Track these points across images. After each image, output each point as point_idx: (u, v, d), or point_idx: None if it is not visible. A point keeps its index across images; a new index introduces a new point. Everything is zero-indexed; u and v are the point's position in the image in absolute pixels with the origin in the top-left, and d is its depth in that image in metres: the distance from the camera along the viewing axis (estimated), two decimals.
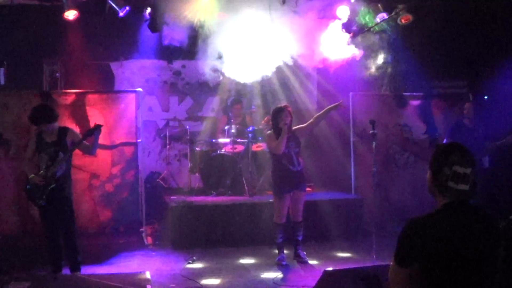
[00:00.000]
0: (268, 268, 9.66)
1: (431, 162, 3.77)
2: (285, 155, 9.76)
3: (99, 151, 10.49)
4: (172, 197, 12.17)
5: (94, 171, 11.42)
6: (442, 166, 3.67)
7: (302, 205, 9.98)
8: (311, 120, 10.29)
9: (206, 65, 13.29)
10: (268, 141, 10.05)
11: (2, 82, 12.68)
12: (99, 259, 10.08)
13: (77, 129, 10.37)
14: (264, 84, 14.53)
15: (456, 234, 3.48)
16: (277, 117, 9.83)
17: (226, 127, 13.03)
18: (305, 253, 10.07)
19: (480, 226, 3.57)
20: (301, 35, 12.98)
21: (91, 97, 11.57)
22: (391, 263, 3.67)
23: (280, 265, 9.73)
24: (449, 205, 3.64)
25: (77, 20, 11.85)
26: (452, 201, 3.63)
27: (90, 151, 8.80)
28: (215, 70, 13.23)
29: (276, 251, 10.02)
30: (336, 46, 12.79)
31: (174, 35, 12.90)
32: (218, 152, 12.75)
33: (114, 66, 14.19)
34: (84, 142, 8.59)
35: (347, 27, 13.00)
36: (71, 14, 11.66)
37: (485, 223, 3.59)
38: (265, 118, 13.16)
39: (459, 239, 3.48)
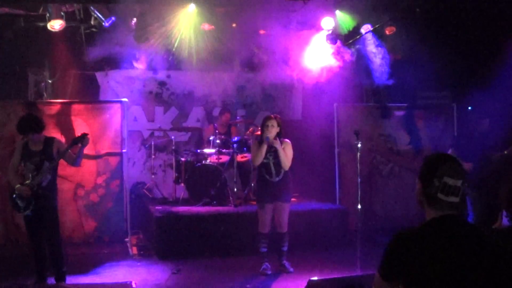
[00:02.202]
0: (253, 278, 9.66)
1: (421, 173, 3.64)
2: (263, 165, 9.74)
3: (84, 161, 10.49)
4: (157, 207, 12.13)
5: (79, 181, 11.41)
6: (432, 177, 3.53)
7: (286, 216, 9.91)
8: None
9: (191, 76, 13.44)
10: (251, 150, 10.09)
11: None
12: (84, 269, 10.05)
13: (62, 139, 10.36)
14: (249, 94, 14.61)
15: (445, 251, 3.36)
16: (262, 126, 9.81)
17: (211, 138, 13.05)
18: (290, 263, 10.05)
19: (472, 244, 3.42)
20: (286, 46, 13.09)
21: (76, 107, 11.57)
22: (376, 275, 3.59)
23: (265, 275, 9.73)
24: (439, 219, 3.49)
25: (62, 30, 11.89)
26: (442, 215, 3.50)
27: (74, 162, 8.77)
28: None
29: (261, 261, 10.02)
30: (320, 57, 12.88)
31: (159, 46, 13.00)
32: (203, 162, 12.77)
33: (99, 75, 14.19)
34: (70, 152, 8.59)
35: (331, 38, 13.09)
36: (56, 24, 11.70)
37: (478, 241, 3.44)
38: (250, 129, 13.23)
39: (449, 257, 3.35)
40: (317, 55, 13.22)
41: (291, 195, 10.22)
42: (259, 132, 12.09)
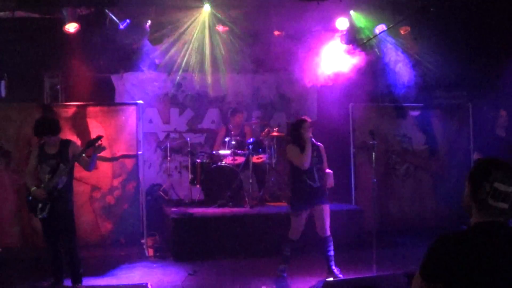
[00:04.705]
0: (269, 279, 9.65)
1: (471, 176, 3.54)
2: (307, 169, 9.37)
3: (100, 163, 10.57)
4: (173, 209, 12.16)
5: (95, 183, 11.44)
6: (483, 182, 3.44)
7: (327, 219, 9.50)
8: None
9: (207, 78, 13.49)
10: (291, 154, 9.57)
11: (3, 95, 12.73)
12: (100, 271, 10.07)
13: (78, 142, 10.40)
14: (264, 95, 14.60)
15: (490, 257, 3.33)
16: (299, 129, 9.46)
17: (227, 139, 13.06)
18: (339, 269, 9.63)
19: None
20: (301, 47, 13.07)
21: (92, 110, 11.61)
22: (416, 274, 3.53)
23: (281, 277, 9.62)
24: (486, 225, 3.44)
25: (77, 33, 11.93)
26: (489, 220, 3.45)
27: (88, 166, 8.74)
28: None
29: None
30: (336, 58, 12.83)
31: (174, 48, 13.04)
32: (219, 164, 12.77)
33: (114, 78, 14.22)
34: (84, 156, 8.59)
35: (346, 39, 13.06)
36: (71, 27, 11.76)
37: None
38: (265, 130, 13.22)
39: (493, 264, 3.32)
40: (332, 55, 13.18)
41: (327, 199, 9.84)
42: (274, 133, 12.06)
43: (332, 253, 9.55)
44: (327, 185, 9.60)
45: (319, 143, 9.72)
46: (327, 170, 9.67)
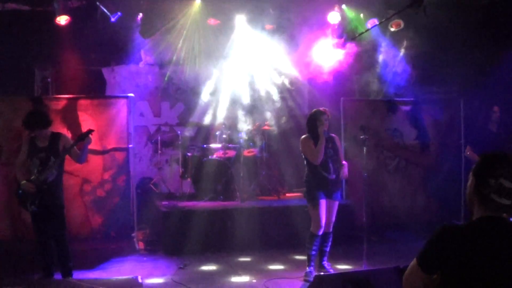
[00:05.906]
0: (260, 273, 9.69)
1: (476, 170, 3.56)
2: (321, 161, 9.15)
3: (90, 157, 10.53)
4: (163, 202, 12.16)
5: (85, 176, 11.40)
6: (488, 177, 3.46)
7: (335, 215, 9.39)
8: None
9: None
10: (304, 146, 9.34)
11: None
12: (91, 264, 10.06)
13: (68, 135, 10.36)
14: (256, 89, 14.58)
15: (490, 251, 3.36)
16: (314, 121, 9.24)
17: (218, 133, 13.04)
18: (330, 263, 9.64)
19: None
20: (292, 41, 13.07)
21: (83, 103, 11.57)
22: (413, 263, 3.56)
23: (308, 282, 8.85)
24: (488, 219, 3.46)
25: (68, 26, 11.90)
26: (491, 215, 3.47)
27: (79, 159, 8.73)
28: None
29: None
30: (327, 52, 12.84)
31: (165, 41, 13.02)
32: (210, 157, 12.76)
33: (105, 71, 14.18)
34: (75, 148, 8.57)
35: (338, 33, 13.06)
36: (62, 20, 11.73)
37: None
38: (256, 124, 13.21)
39: (493, 257, 3.34)
40: (323, 50, 13.18)
41: (341, 194, 9.78)
42: (265, 127, 12.02)
43: (327, 249, 9.53)
44: (342, 177, 9.42)
45: (333, 134, 9.52)
46: (343, 162, 9.42)
